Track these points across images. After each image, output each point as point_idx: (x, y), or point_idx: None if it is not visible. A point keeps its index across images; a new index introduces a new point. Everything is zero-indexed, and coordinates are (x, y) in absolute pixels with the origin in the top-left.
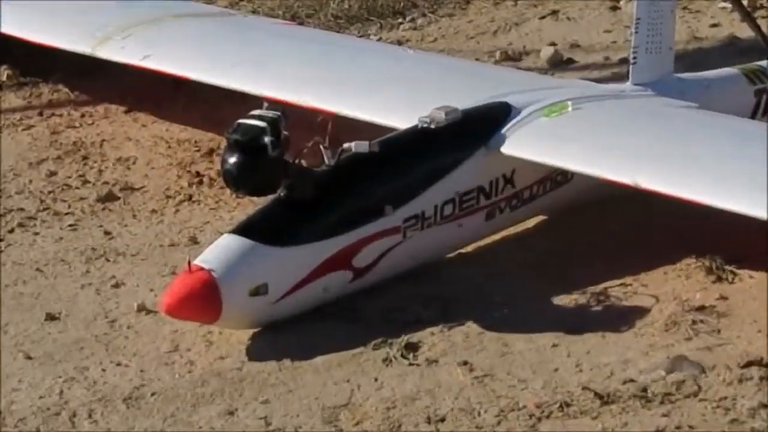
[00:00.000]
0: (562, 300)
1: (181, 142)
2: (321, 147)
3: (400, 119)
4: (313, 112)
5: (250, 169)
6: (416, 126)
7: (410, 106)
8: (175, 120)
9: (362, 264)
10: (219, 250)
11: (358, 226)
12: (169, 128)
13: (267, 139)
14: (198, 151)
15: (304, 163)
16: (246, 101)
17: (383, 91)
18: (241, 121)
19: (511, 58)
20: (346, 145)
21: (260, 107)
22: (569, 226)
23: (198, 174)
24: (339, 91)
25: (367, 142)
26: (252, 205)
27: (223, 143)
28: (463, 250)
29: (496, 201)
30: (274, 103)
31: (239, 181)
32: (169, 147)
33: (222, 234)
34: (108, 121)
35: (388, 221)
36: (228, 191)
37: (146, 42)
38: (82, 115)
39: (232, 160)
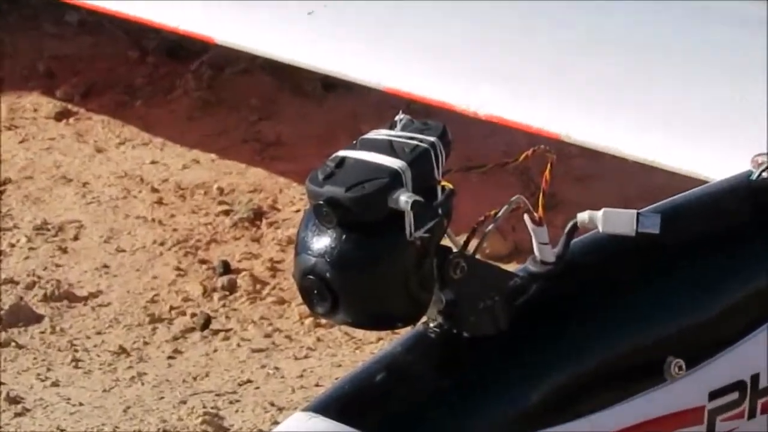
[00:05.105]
0: None
1: (186, 191)
2: (526, 217)
3: (707, 160)
4: (506, 132)
5: (365, 269)
6: (746, 175)
7: (727, 131)
8: (172, 135)
9: None
10: None
11: (607, 402)
12: (160, 155)
13: (405, 199)
14: (227, 213)
15: (484, 256)
16: (343, 101)
17: (660, 97)
18: (344, 154)
19: None
20: (582, 217)
21: (390, 120)
22: None
23: (226, 268)
24: (559, 92)
25: (632, 213)
26: (353, 342)
27: (294, 203)
28: None
29: None
30: (417, 113)
31: (339, 295)
32: (161, 202)
33: (290, 413)
34: (17, 133)
35: (676, 393)
36: (301, 310)
37: None
38: None
39: (323, 246)
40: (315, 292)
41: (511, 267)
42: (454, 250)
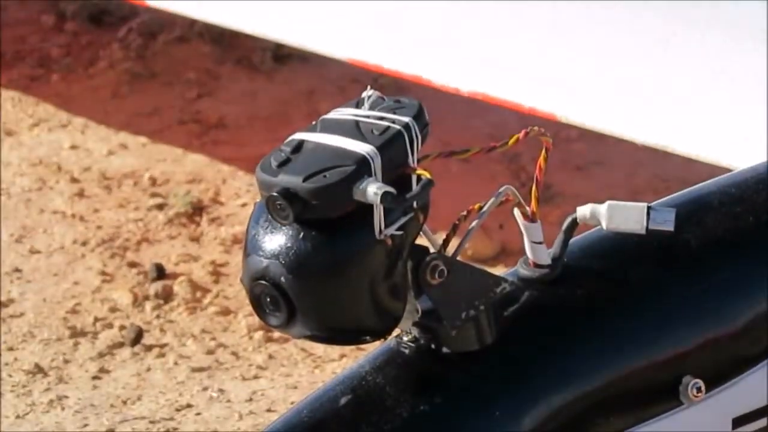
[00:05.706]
0: None
1: (112, 181)
2: (517, 212)
3: (729, 145)
4: (493, 112)
5: (327, 273)
6: None
7: (754, 111)
8: (95, 115)
9: None
10: None
11: (613, 430)
12: (82, 139)
13: (373, 190)
14: (160, 207)
15: (466, 258)
16: (299, 75)
17: (675, 71)
18: (301, 136)
19: None
20: (582, 212)
21: (356, 97)
22: None
23: (160, 272)
24: (556, 64)
25: (643, 207)
26: (312, 360)
27: (240, 195)
28: None
29: None
30: (387, 88)
31: (296, 303)
32: (82, 195)
33: None
34: None
35: (694, 419)
36: (249, 322)
37: None
38: None
39: (277, 246)
40: (267, 300)
41: (499, 271)
42: (432, 250)
